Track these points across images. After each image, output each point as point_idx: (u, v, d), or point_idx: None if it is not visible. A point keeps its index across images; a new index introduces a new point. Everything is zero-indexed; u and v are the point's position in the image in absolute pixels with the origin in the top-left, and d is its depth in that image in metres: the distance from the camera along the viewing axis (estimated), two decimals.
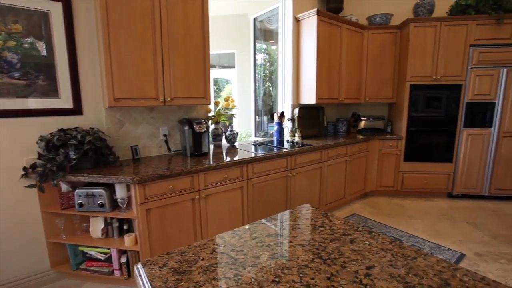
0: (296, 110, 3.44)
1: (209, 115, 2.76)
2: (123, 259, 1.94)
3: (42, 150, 1.82)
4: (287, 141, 3.23)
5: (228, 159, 2.25)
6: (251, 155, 2.36)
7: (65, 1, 1.92)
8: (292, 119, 3.45)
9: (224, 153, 2.49)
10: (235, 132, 2.92)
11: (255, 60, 4.10)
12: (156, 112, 2.39)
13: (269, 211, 2.52)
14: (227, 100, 2.86)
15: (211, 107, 2.74)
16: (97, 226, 1.96)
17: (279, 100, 3.63)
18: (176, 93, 2.15)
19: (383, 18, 3.64)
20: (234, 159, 2.25)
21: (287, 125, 3.43)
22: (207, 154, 2.41)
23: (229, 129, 2.92)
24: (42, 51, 1.88)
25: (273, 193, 2.55)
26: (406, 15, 3.72)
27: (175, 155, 2.42)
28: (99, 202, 1.86)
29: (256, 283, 0.71)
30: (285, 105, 3.54)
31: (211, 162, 2.11)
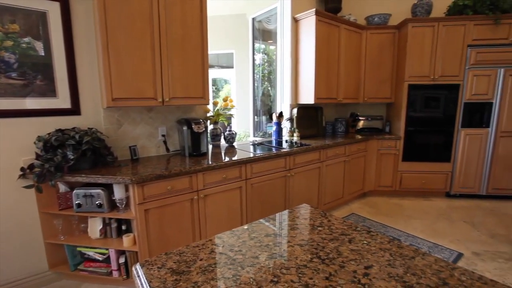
0: (295, 110, 3.44)
1: (207, 115, 2.75)
2: (122, 260, 1.93)
3: (40, 151, 1.81)
4: (286, 141, 3.23)
5: (227, 159, 2.25)
6: (250, 155, 2.36)
7: (63, 1, 1.91)
8: (291, 119, 3.45)
9: (222, 153, 2.49)
10: (233, 132, 2.92)
11: (253, 60, 4.10)
12: (154, 112, 2.39)
13: (267, 211, 2.52)
14: (226, 100, 2.86)
15: (210, 107, 2.74)
16: (95, 227, 1.95)
17: (277, 100, 3.63)
18: (174, 93, 2.15)
19: (381, 18, 3.65)
20: (233, 159, 2.25)
21: (285, 125, 3.43)
22: (205, 154, 2.41)
23: (227, 129, 2.92)
24: (40, 51, 1.87)
25: (271, 193, 2.55)
26: (404, 15, 3.73)
27: (173, 155, 2.42)
28: (97, 202, 1.85)
29: (254, 283, 0.71)
30: (283, 105, 3.55)
31: (210, 162, 2.11)
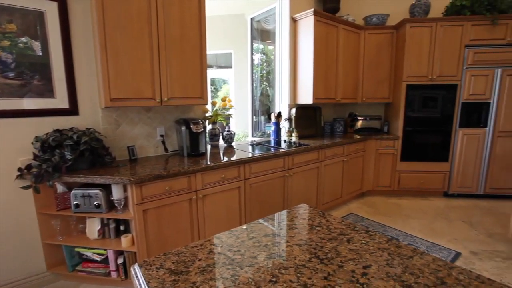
0: (293, 110, 3.44)
1: (206, 115, 2.75)
2: (120, 260, 1.93)
3: (38, 151, 1.80)
4: (284, 141, 3.23)
5: (226, 159, 2.25)
6: (248, 155, 2.36)
7: (61, 0, 1.90)
8: (289, 119, 3.45)
9: (221, 153, 2.49)
10: (232, 132, 2.92)
11: (252, 60, 4.10)
12: (153, 112, 2.38)
13: (266, 211, 2.52)
14: (224, 100, 2.86)
15: (208, 107, 2.74)
16: (93, 227, 1.94)
17: (276, 100, 3.63)
18: (173, 93, 2.15)
19: (379, 18, 3.66)
20: (232, 159, 2.24)
21: (284, 125, 3.43)
22: (204, 154, 2.41)
23: (226, 129, 2.92)
24: (38, 50, 1.86)
25: (270, 193, 2.55)
26: (402, 15, 3.74)
27: (172, 155, 2.41)
28: (95, 203, 1.84)
29: (253, 283, 0.71)
30: (282, 105, 3.55)
31: (208, 162, 2.11)
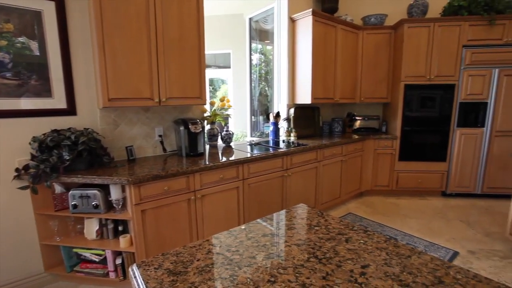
0: (292, 110, 3.44)
1: (204, 115, 2.75)
2: (118, 261, 1.92)
3: (35, 151, 1.79)
4: (283, 141, 3.24)
5: (224, 159, 2.25)
6: (247, 155, 2.36)
7: (58, 0, 1.89)
8: (288, 119, 3.46)
9: (219, 153, 2.49)
10: (230, 132, 2.92)
11: (250, 60, 4.10)
12: (151, 112, 2.38)
13: (265, 211, 2.52)
14: (223, 100, 2.86)
15: (207, 107, 2.73)
16: (91, 228, 1.94)
17: (274, 100, 3.63)
18: (171, 93, 2.14)
19: (377, 18, 3.67)
20: (230, 159, 2.24)
21: (282, 125, 3.43)
22: (202, 154, 2.41)
23: (224, 129, 2.92)
24: (35, 50, 1.85)
25: (269, 193, 2.55)
26: (400, 15, 3.75)
27: (170, 155, 2.41)
28: (93, 203, 1.84)
29: (251, 283, 0.71)
30: (280, 105, 3.55)
31: (207, 163, 2.10)
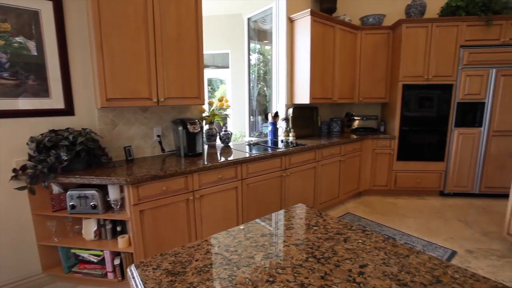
0: (290, 110, 3.45)
1: (203, 115, 2.75)
2: (117, 261, 1.92)
3: (33, 151, 1.78)
4: (281, 141, 3.24)
5: (223, 159, 2.25)
6: (246, 155, 2.36)
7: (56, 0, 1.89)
8: (286, 119, 3.46)
9: (218, 153, 2.49)
10: (229, 132, 2.91)
11: (249, 60, 4.10)
12: (149, 112, 2.37)
13: (263, 211, 2.52)
14: (221, 100, 2.86)
15: (205, 107, 2.73)
16: (89, 228, 1.93)
17: (273, 100, 3.63)
18: (169, 93, 2.14)
19: (375, 18, 3.68)
20: (229, 159, 2.24)
21: (281, 125, 3.43)
22: (201, 154, 2.40)
23: (223, 129, 2.91)
24: (33, 50, 1.85)
25: (267, 193, 2.55)
26: (399, 16, 3.76)
27: (169, 155, 2.41)
28: (91, 203, 1.83)
29: (250, 283, 0.71)
30: (279, 105, 3.55)
31: (205, 163, 2.10)
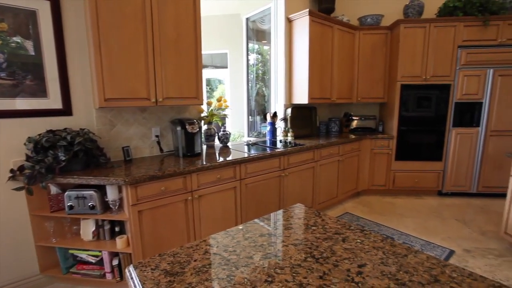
0: (289, 110, 3.45)
1: (201, 115, 2.74)
2: (115, 262, 1.91)
3: (30, 152, 1.78)
4: (280, 141, 3.24)
5: (221, 159, 2.25)
6: (244, 155, 2.36)
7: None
8: (285, 119, 3.46)
9: (217, 154, 2.48)
10: (228, 132, 2.91)
11: (247, 60, 4.10)
12: (148, 112, 2.37)
13: (262, 211, 2.53)
14: (220, 100, 2.86)
15: (204, 107, 2.73)
16: (88, 229, 1.93)
17: (271, 100, 3.64)
18: (168, 93, 2.14)
19: (374, 19, 3.69)
20: (227, 159, 2.24)
21: (279, 125, 3.44)
22: (199, 154, 2.40)
23: (222, 129, 2.91)
24: (30, 50, 1.84)
25: (266, 193, 2.55)
26: (397, 16, 3.77)
27: (167, 155, 2.40)
28: (90, 204, 1.83)
29: (249, 283, 0.71)
30: (277, 105, 3.55)
31: (204, 163, 2.10)
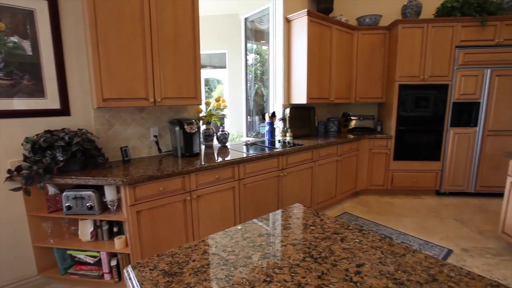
0: (287, 110, 3.45)
1: (200, 115, 2.74)
2: (113, 262, 1.90)
3: (28, 152, 1.77)
4: (279, 141, 3.24)
5: (220, 159, 2.25)
6: (243, 155, 2.36)
7: None
8: (283, 119, 3.46)
9: (215, 154, 2.48)
10: (226, 132, 2.91)
11: (246, 60, 4.10)
12: (146, 112, 2.36)
13: (261, 211, 2.53)
14: (218, 100, 2.85)
15: (202, 107, 2.73)
16: (86, 229, 1.92)
17: (270, 100, 3.64)
18: (166, 93, 2.13)
19: (372, 19, 3.70)
20: (226, 159, 2.24)
21: (278, 125, 3.44)
22: (198, 154, 2.40)
23: (220, 129, 2.91)
24: (27, 50, 1.83)
25: (265, 193, 2.55)
26: (395, 16, 3.78)
27: (166, 156, 2.40)
28: (88, 204, 1.82)
29: (247, 283, 0.71)
30: (276, 105, 3.55)
31: (203, 163, 2.10)
